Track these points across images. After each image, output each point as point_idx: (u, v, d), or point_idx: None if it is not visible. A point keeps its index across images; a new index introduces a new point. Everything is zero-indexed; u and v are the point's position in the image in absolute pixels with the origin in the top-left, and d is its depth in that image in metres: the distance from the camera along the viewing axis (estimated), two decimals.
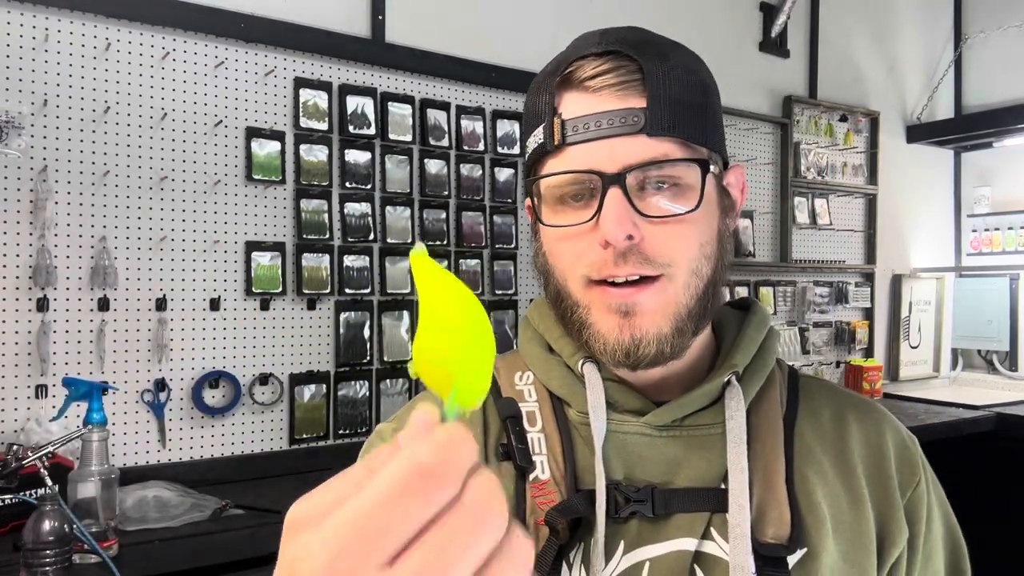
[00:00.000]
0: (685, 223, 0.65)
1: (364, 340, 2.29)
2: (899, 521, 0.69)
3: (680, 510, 0.66)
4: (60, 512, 1.29)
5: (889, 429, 0.74)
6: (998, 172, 3.97)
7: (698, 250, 0.66)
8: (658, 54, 0.67)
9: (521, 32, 2.62)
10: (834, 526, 0.66)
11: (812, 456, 0.70)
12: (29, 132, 1.83)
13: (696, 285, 0.66)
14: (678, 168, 0.65)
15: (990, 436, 3.13)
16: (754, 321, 0.74)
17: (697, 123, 0.66)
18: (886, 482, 0.70)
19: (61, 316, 1.87)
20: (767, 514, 0.65)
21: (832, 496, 0.68)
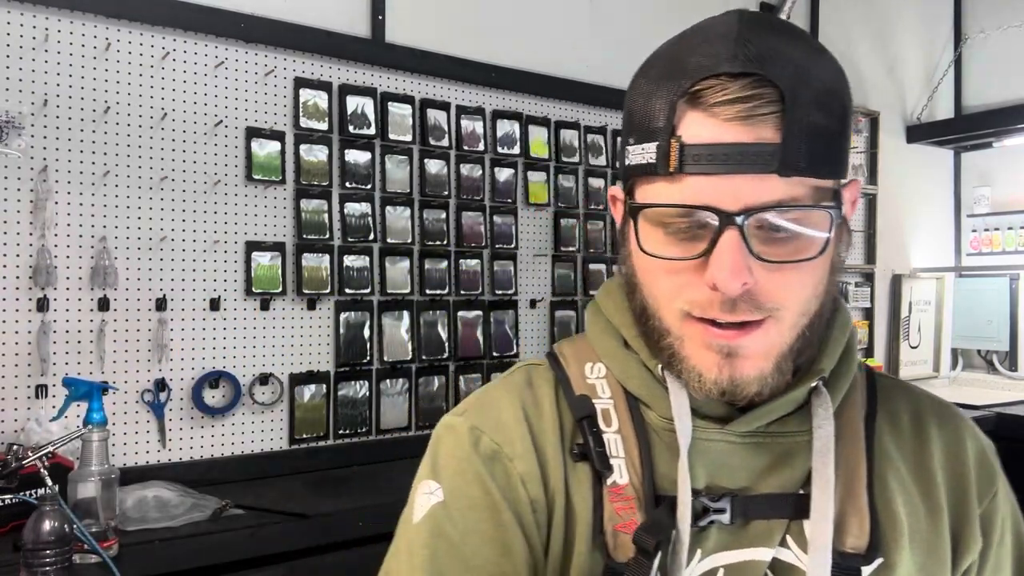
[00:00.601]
0: (804, 268, 0.62)
1: (364, 340, 2.29)
2: (974, 531, 0.68)
3: (758, 517, 0.65)
4: (60, 512, 1.29)
5: (969, 436, 0.73)
6: (998, 172, 3.97)
7: (811, 292, 0.64)
8: (800, 75, 0.59)
9: (521, 32, 2.62)
10: (911, 536, 0.65)
11: (891, 461, 0.68)
12: (29, 132, 1.83)
13: (802, 325, 0.64)
14: (806, 213, 0.60)
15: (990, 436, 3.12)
16: (839, 322, 0.71)
17: (832, 156, 0.60)
18: (964, 491, 0.69)
19: (61, 316, 1.87)
20: (847, 523, 0.64)
21: (910, 504, 0.67)
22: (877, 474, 0.66)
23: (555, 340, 2.67)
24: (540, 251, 2.66)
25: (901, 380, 0.77)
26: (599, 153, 2.79)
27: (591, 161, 2.77)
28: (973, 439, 0.73)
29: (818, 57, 0.62)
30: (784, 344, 0.63)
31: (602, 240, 2.80)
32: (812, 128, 0.58)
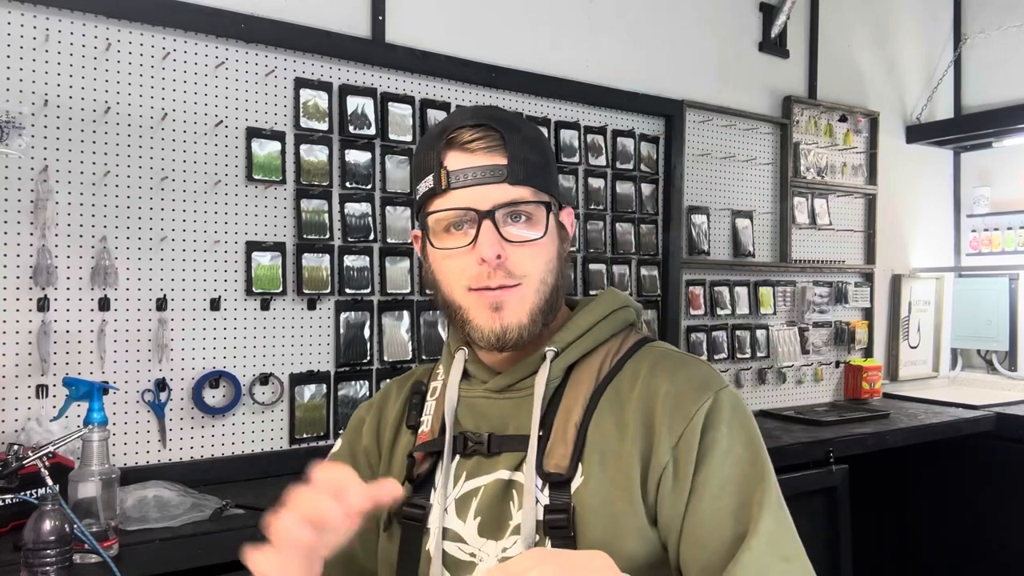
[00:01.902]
0: (536, 246, 0.92)
1: (364, 340, 2.30)
2: (659, 450, 0.87)
3: (506, 450, 0.93)
4: (61, 512, 1.29)
5: (681, 377, 0.90)
6: (997, 172, 3.97)
7: (544, 265, 0.93)
8: (512, 126, 0.93)
9: (521, 32, 2.63)
10: (603, 456, 0.88)
11: (613, 405, 0.91)
12: (29, 132, 1.84)
13: (543, 291, 0.93)
14: (531, 207, 0.92)
15: (989, 436, 3.13)
16: (583, 312, 0.99)
17: (542, 176, 0.94)
18: (654, 419, 0.88)
19: (62, 316, 1.87)
20: (554, 451, 0.90)
21: (611, 436, 0.89)
22: (596, 415, 0.91)
23: None
24: None
25: (668, 348, 0.98)
26: (599, 153, 2.80)
27: (591, 161, 2.78)
28: (677, 383, 0.90)
29: (522, 120, 0.98)
30: (534, 303, 0.92)
31: (602, 240, 2.80)
32: (524, 156, 0.92)
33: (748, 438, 0.88)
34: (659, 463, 0.86)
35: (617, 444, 0.88)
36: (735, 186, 3.23)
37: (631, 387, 0.92)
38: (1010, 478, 3.08)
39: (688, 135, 3.02)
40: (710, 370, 0.93)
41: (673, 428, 0.87)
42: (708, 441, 0.86)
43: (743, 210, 3.24)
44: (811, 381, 3.44)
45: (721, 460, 0.85)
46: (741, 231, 3.22)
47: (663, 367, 0.92)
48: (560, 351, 0.95)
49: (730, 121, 3.18)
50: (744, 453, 0.87)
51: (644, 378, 0.92)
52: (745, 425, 0.89)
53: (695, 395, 0.88)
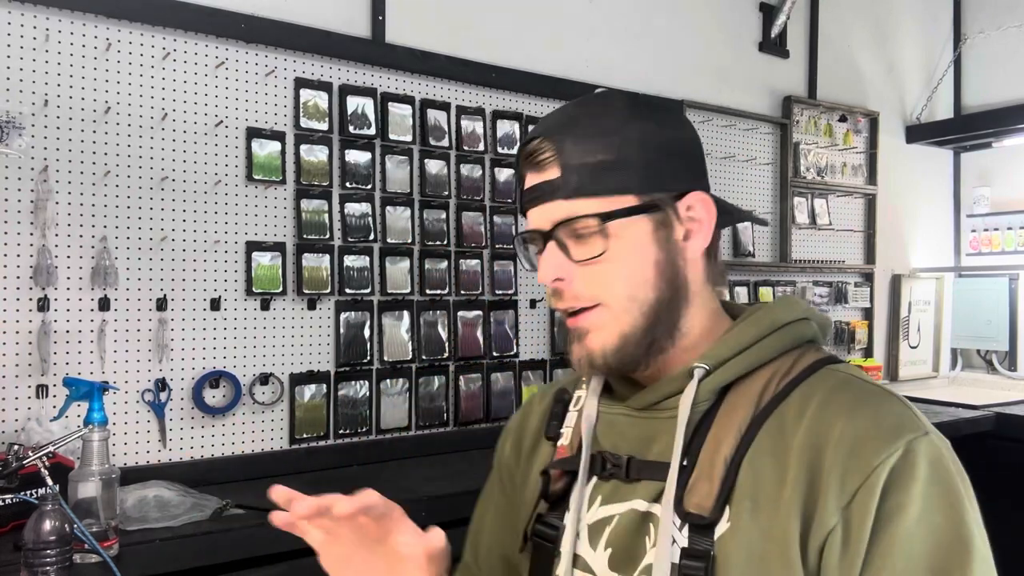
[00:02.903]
0: (605, 262, 0.81)
1: (364, 340, 2.30)
2: (826, 508, 0.71)
3: (646, 477, 0.82)
4: (61, 512, 1.29)
5: (862, 418, 0.73)
6: (997, 172, 3.97)
7: (625, 281, 0.81)
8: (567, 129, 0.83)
9: (521, 32, 2.63)
10: (755, 504, 0.74)
11: (776, 440, 0.76)
12: (30, 132, 1.84)
13: (638, 309, 0.81)
14: (585, 222, 0.81)
15: (989, 436, 3.13)
16: (746, 323, 0.84)
17: (608, 178, 0.81)
18: (822, 468, 0.72)
19: (62, 316, 1.87)
20: (697, 487, 0.76)
21: (767, 477, 0.74)
22: (754, 449, 0.76)
23: (555, 340, 2.68)
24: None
25: (852, 376, 0.80)
26: None
27: None
28: (858, 424, 0.73)
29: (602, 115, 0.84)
30: (625, 323, 0.82)
31: None
32: (580, 162, 0.81)
33: (950, 503, 0.70)
34: (824, 523, 0.71)
35: (774, 489, 0.73)
36: (735, 186, 3.23)
37: (797, 419, 0.75)
38: (1010, 478, 3.08)
39: None
40: (904, 410, 0.75)
41: (846, 482, 0.70)
42: (893, 504, 0.69)
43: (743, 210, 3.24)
44: None
45: (910, 530, 0.69)
46: (741, 231, 3.22)
47: (841, 399, 0.75)
48: (712, 369, 0.80)
49: (730, 121, 3.18)
50: (943, 523, 0.70)
51: (815, 410, 0.75)
52: (947, 486, 0.71)
53: (880, 443, 0.71)
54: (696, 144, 0.89)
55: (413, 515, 1.20)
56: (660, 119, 0.85)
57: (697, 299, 0.85)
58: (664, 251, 0.82)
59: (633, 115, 0.83)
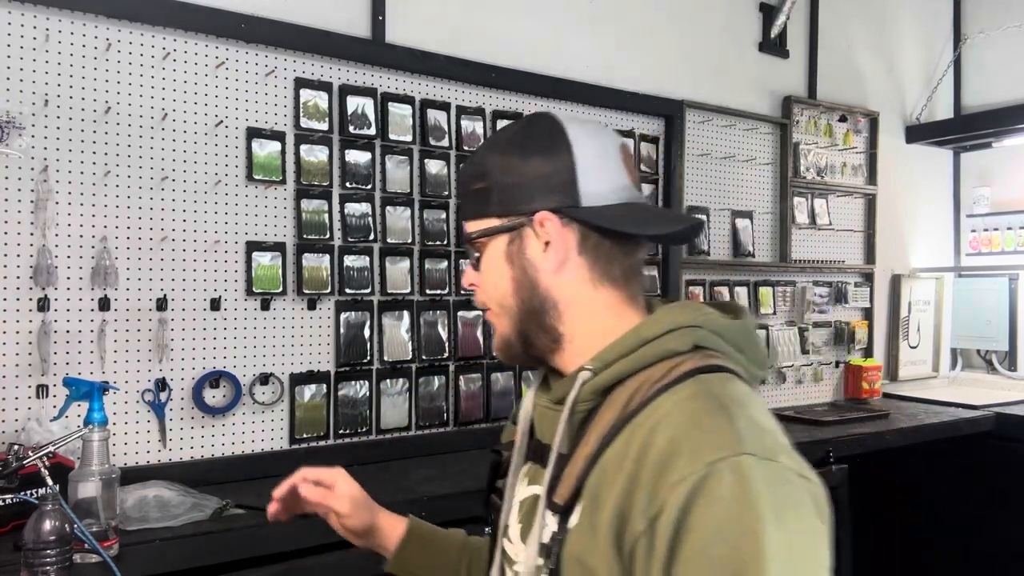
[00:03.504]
0: (483, 275, 0.97)
1: (364, 340, 2.30)
2: (634, 517, 0.75)
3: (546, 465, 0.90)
4: (61, 512, 1.29)
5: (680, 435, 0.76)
6: (997, 172, 3.98)
7: (491, 292, 0.97)
8: (469, 163, 0.99)
9: (521, 32, 2.63)
10: (593, 500, 0.81)
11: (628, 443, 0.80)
12: (30, 132, 1.84)
13: (508, 315, 0.96)
14: (468, 243, 0.99)
15: (989, 436, 3.13)
16: (632, 330, 0.89)
17: (479, 204, 0.96)
18: (637, 479, 0.77)
19: (62, 316, 1.87)
20: (565, 480, 0.86)
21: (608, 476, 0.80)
22: (611, 450, 0.82)
23: None
24: None
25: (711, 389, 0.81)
26: None
27: None
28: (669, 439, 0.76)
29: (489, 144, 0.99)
30: (503, 326, 0.97)
31: None
32: (464, 191, 0.99)
33: (745, 527, 0.69)
34: (633, 531, 0.75)
35: (606, 490, 0.79)
36: (735, 186, 3.23)
37: (644, 425, 0.79)
38: (1009, 478, 3.08)
39: (688, 135, 3.02)
40: (728, 428, 0.74)
41: (652, 497, 0.74)
42: (690, 524, 0.70)
43: (743, 210, 3.24)
44: (811, 381, 3.44)
45: (702, 552, 0.70)
46: (741, 231, 3.23)
47: (679, 414, 0.78)
48: (597, 371, 0.87)
49: (730, 121, 3.18)
50: (726, 551, 0.69)
51: (657, 419, 0.78)
52: (746, 506, 0.69)
53: (685, 462, 0.73)
54: (561, 169, 0.91)
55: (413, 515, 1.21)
56: (524, 150, 0.93)
57: (577, 306, 0.93)
58: (518, 265, 0.94)
59: (501, 150, 0.95)
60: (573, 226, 0.92)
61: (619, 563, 0.77)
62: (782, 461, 0.74)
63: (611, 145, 0.95)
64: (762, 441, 0.74)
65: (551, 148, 0.92)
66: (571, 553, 0.82)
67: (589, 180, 0.92)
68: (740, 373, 0.86)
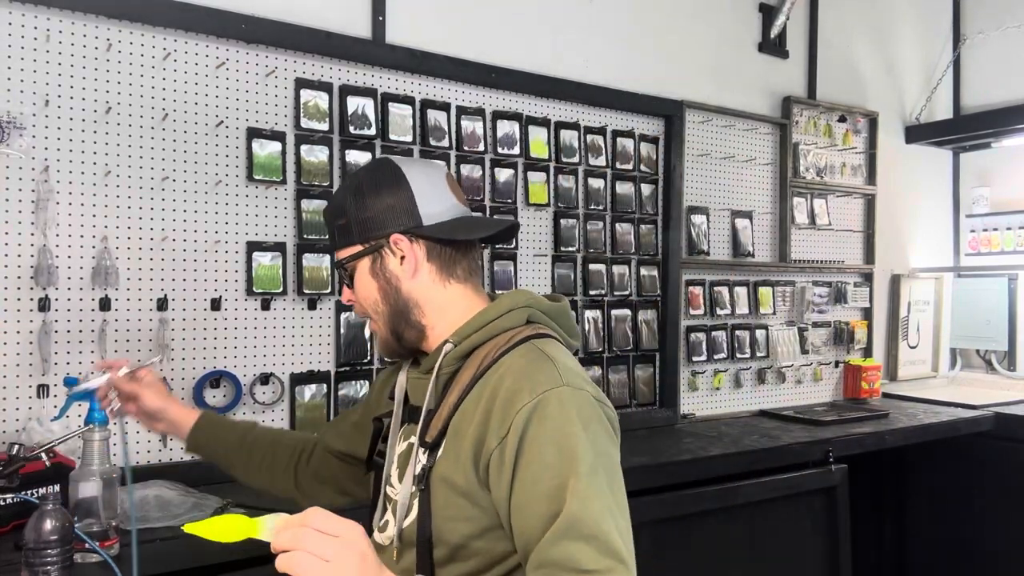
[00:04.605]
0: (355, 291, 1.23)
1: (364, 340, 2.30)
2: (487, 440, 1.04)
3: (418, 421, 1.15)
4: (62, 511, 1.29)
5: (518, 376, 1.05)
6: (997, 172, 3.98)
7: (365, 303, 1.22)
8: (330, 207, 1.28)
9: (521, 32, 2.63)
10: (456, 434, 1.08)
11: (481, 392, 1.08)
12: (31, 132, 1.84)
13: (382, 319, 1.21)
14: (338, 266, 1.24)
15: (988, 436, 3.14)
16: (480, 312, 1.17)
17: (340, 235, 1.22)
18: (489, 412, 1.05)
19: (63, 316, 1.87)
20: (434, 424, 1.12)
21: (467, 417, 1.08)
22: (468, 399, 1.10)
23: None
24: (540, 251, 2.67)
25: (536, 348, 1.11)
26: (599, 154, 2.80)
27: (591, 161, 2.78)
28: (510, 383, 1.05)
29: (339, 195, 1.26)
30: (380, 329, 1.23)
31: (602, 240, 2.81)
32: (333, 228, 1.23)
33: (564, 431, 1.01)
34: (488, 448, 1.04)
35: (466, 426, 1.07)
36: (735, 186, 3.23)
37: (493, 376, 1.08)
38: (1009, 478, 3.08)
39: (688, 135, 3.03)
40: (552, 370, 1.06)
41: (502, 422, 1.03)
42: (527, 440, 1.01)
43: (743, 210, 3.25)
44: (810, 381, 3.45)
45: (535, 454, 1.00)
46: (741, 231, 3.23)
47: (518, 365, 1.08)
48: (456, 343, 1.14)
49: (730, 121, 3.18)
50: (557, 447, 1.00)
51: (503, 371, 1.08)
52: (564, 419, 1.02)
53: (523, 394, 1.03)
54: (402, 199, 1.18)
55: None
56: (372, 190, 1.19)
57: (434, 302, 1.20)
58: (382, 278, 1.19)
59: (352, 192, 1.20)
60: (419, 241, 1.19)
61: (475, 474, 1.05)
62: (587, 390, 1.07)
63: (438, 176, 1.22)
64: (574, 378, 1.07)
65: (393, 185, 1.18)
66: (437, 474, 1.09)
67: (425, 204, 1.18)
68: (559, 339, 1.17)
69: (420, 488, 1.09)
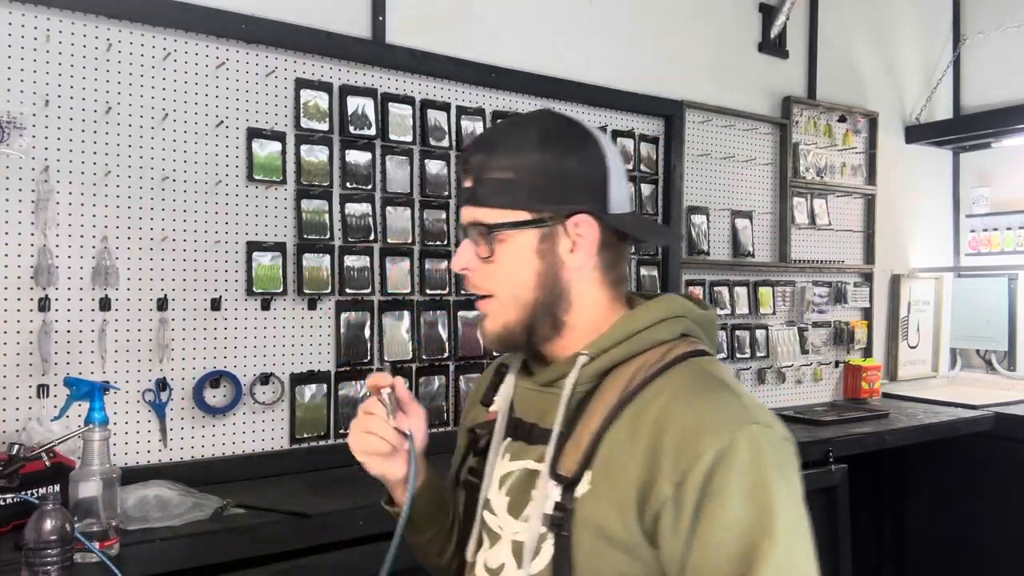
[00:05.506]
0: (494, 263, 0.98)
1: (365, 340, 2.30)
2: (660, 484, 0.86)
3: (539, 442, 0.99)
4: (62, 511, 1.29)
5: (698, 409, 0.87)
6: (997, 172, 3.98)
7: (506, 282, 0.99)
8: (488, 148, 0.99)
9: (521, 32, 2.63)
10: (608, 471, 0.90)
11: (634, 419, 0.91)
12: (31, 132, 1.84)
13: (520, 305, 0.99)
14: (480, 228, 0.98)
15: (988, 436, 3.14)
16: (624, 319, 0.99)
17: (512, 194, 0.96)
18: (660, 449, 0.87)
19: (63, 316, 1.87)
20: (570, 454, 0.93)
21: (620, 449, 0.90)
22: (616, 426, 0.91)
23: None
24: None
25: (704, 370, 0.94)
26: None
27: None
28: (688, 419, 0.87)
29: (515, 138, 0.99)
30: (508, 316, 0.99)
31: None
32: (490, 177, 0.97)
33: (761, 487, 0.83)
34: (660, 494, 0.85)
35: (623, 461, 0.89)
36: (735, 186, 3.23)
37: (652, 404, 0.90)
38: (1009, 478, 3.08)
39: (688, 135, 3.03)
40: (736, 402, 0.88)
41: (678, 463, 0.85)
42: (714, 488, 0.83)
43: (743, 210, 3.25)
44: (810, 381, 3.45)
45: (724, 510, 0.83)
46: (741, 231, 3.23)
47: (689, 390, 0.89)
48: (594, 356, 0.96)
49: (730, 121, 3.18)
50: (752, 503, 0.82)
51: (666, 397, 0.89)
52: (760, 470, 0.84)
53: (707, 433, 0.85)
54: (596, 172, 0.98)
55: None
56: (562, 149, 0.97)
57: (584, 299, 1.00)
58: (546, 261, 0.98)
59: (537, 144, 0.97)
60: (600, 229, 0.99)
61: (639, 524, 0.87)
62: (776, 428, 0.89)
63: (620, 157, 1.03)
64: (761, 413, 0.89)
65: (587, 152, 0.98)
66: (583, 518, 0.90)
67: (614, 187, 0.99)
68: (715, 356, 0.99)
69: (558, 532, 0.91)
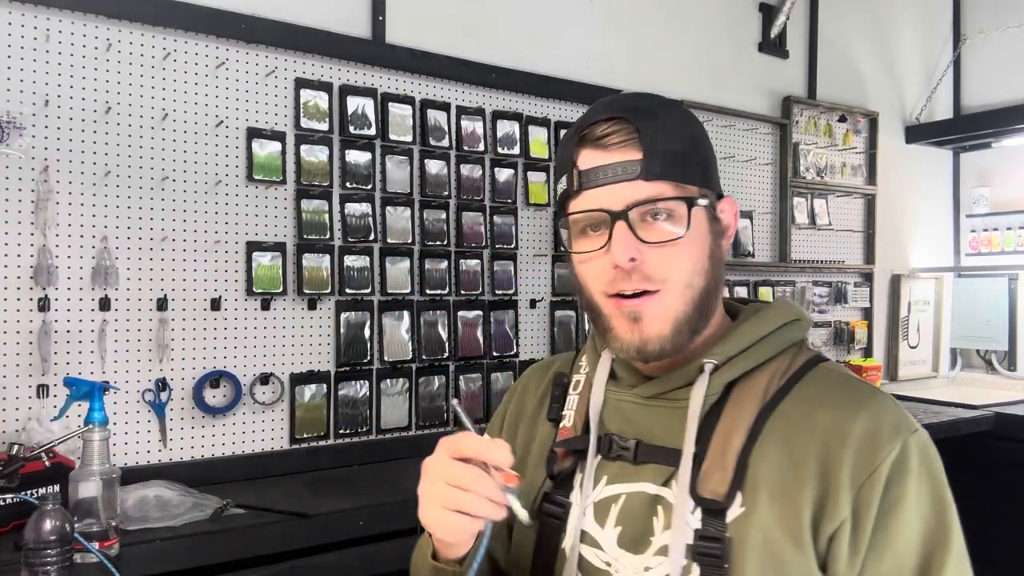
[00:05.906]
0: (677, 246, 0.84)
1: (364, 340, 2.30)
2: (838, 500, 0.78)
3: (653, 461, 0.87)
4: (61, 512, 1.29)
5: (864, 418, 0.81)
6: (997, 172, 3.98)
7: (690, 267, 0.85)
8: (650, 115, 0.85)
9: (521, 32, 2.63)
10: (771, 493, 0.80)
11: (785, 434, 0.82)
12: (31, 132, 1.84)
13: (690, 295, 0.85)
14: (669, 204, 0.84)
15: (989, 436, 3.13)
16: (750, 323, 0.90)
17: (684, 168, 0.85)
18: (834, 463, 0.79)
19: (62, 316, 1.87)
20: (711, 475, 0.82)
21: (780, 469, 0.81)
22: (761, 441, 0.82)
23: (555, 340, 2.68)
24: (540, 251, 2.67)
25: (843, 375, 0.88)
26: None
27: None
28: (867, 421, 0.81)
29: (669, 105, 0.89)
30: (679, 312, 0.85)
31: None
32: (663, 148, 0.84)
33: (937, 494, 0.81)
34: (838, 513, 0.78)
35: (787, 480, 0.80)
36: (735, 186, 3.23)
37: (805, 417, 0.83)
38: (1009, 478, 3.08)
39: None
40: (896, 408, 0.84)
41: (855, 476, 0.79)
42: (893, 496, 0.78)
43: (743, 210, 3.25)
44: None
45: (906, 520, 0.78)
46: (741, 231, 3.23)
47: (843, 399, 0.83)
48: (720, 364, 0.86)
49: (730, 121, 3.18)
50: (931, 512, 0.79)
51: (825, 410, 0.82)
52: (933, 477, 0.81)
53: (882, 440, 0.80)
54: (715, 159, 0.93)
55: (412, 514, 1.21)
56: (702, 130, 0.91)
57: (716, 293, 0.90)
58: (715, 244, 0.88)
59: (691, 117, 0.91)
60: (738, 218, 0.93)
61: (813, 548, 0.79)
62: (922, 429, 0.84)
63: None
64: (912, 416, 0.85)
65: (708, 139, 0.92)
66: (748, 545, 0.79)
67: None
68: None
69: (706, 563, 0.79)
